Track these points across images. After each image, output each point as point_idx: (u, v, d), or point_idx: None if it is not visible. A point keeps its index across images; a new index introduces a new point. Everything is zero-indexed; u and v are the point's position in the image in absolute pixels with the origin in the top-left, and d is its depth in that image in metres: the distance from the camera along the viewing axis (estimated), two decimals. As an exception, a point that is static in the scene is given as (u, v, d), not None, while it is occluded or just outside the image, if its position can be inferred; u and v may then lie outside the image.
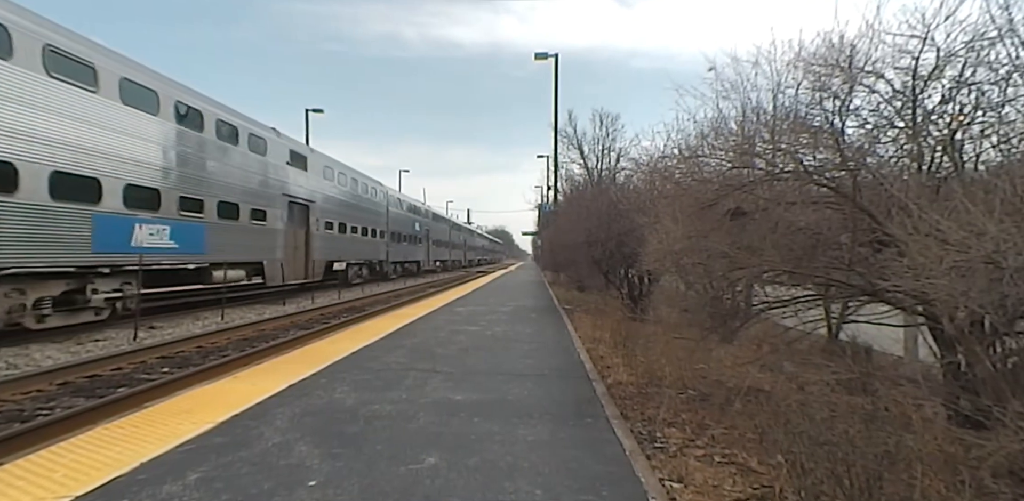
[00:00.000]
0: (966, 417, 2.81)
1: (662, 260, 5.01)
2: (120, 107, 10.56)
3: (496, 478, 2.71)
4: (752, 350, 5.32)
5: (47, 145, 8.93)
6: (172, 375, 6.67)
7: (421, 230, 37.58)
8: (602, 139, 21.52)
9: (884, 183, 3.35)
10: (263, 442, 3.21)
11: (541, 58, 21.95)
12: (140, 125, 11.04)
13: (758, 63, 4.43)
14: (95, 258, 9.84)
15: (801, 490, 2.63)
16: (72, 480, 2.66)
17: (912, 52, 3.40)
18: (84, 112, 9.70)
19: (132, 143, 10.77)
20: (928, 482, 2.52)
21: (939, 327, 3.08)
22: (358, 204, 24.60)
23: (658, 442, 3.62)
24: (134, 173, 10.81)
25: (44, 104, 8.92)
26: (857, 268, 3.50)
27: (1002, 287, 2.17)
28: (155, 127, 11.52)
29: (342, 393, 4.37)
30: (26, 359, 7.80)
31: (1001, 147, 3.19)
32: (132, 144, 10.77)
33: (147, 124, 11.26)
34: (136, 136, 10.89)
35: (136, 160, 10.87)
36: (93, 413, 4.94)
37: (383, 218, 28.46)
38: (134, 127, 10.86)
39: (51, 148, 8.99)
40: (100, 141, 9.99)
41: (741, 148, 4.20)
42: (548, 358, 6.04)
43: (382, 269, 28.43)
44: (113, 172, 10.28)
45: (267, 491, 2.54)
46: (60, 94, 9.24)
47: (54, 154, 9.05)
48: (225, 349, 8.97)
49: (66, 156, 9.27)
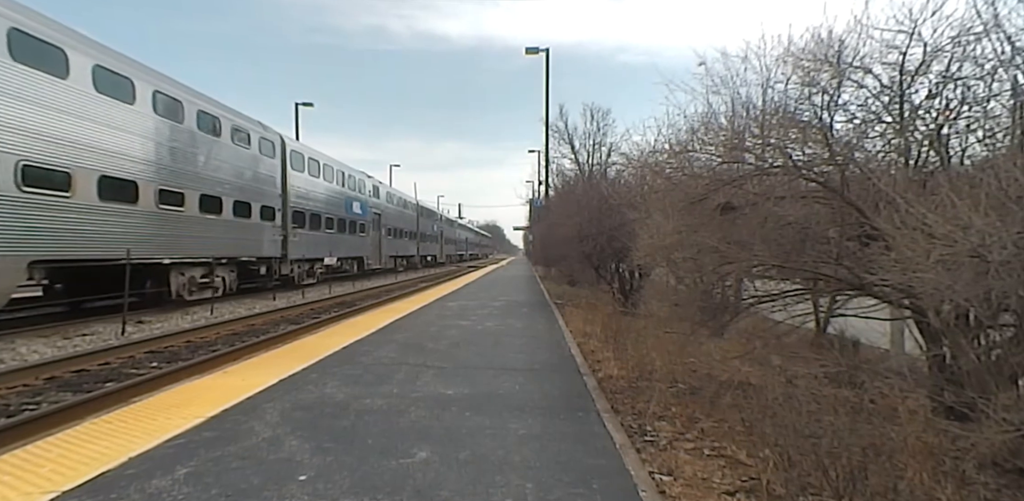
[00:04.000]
0: (950, 409, 2.85)
1: (653, 254, 5.03)
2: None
3: (487, 471, 2.72)
4: (742, 344, 5.35)
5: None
6: (161, 370, 6.62)
7: (365, 213, 26.64)
8: (593, 134, 21.51)
9: (872, 177, 3.37)
10: (253, 437, 3.20)
11: (532, 52, 21.87)
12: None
13: (747, 58, 4.45)
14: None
15: (788, 482, 2.66)
16: (59, 475, 2.64)
17: (900, 47, 3.43)
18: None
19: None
20: (912, 473, 2.56)
21: (925, 320, 3.11)
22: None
23: (648, 436, 3.64)
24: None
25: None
26: (845, 262, 3.53)
27: (987, 280, 2.19)
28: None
29: (333, 388, 4.36)
30: (12, 353, 7.72)
31: (986, 142, 3.22)
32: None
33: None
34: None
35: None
36: (80, 408, 4.90)
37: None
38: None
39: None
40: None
41: (731, 143, 4.21)
42: (539, 352, 6.06)
43: (276, 270, 17.78)
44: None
45: (257, 486, 2.53)
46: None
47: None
48: (214, 344, 8.92)
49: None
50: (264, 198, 16.63)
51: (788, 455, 2.80)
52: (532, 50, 21.86)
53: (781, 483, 2.68)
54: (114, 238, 10.56)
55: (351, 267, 25.18)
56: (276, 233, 17.48)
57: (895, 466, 2.65)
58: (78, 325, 10.22)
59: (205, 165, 13.71)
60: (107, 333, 9.63)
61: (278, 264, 17.90)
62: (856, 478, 2.48)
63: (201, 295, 13.69)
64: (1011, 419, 2.11)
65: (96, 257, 10.22)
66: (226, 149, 14.73)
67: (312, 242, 20.21)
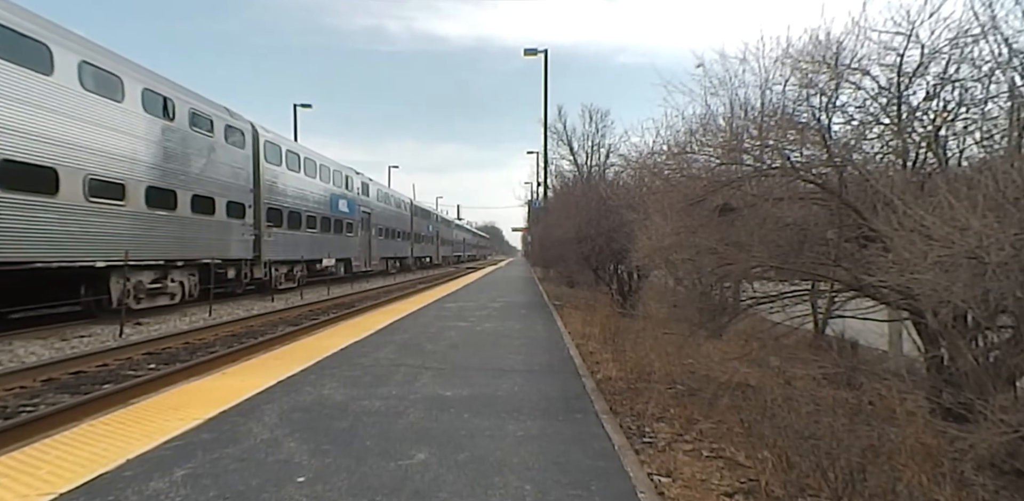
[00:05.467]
0: (948, 410, 2.84)
1: (651, 256, 5.03)
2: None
3: (486, 473, 2.72)
4: (740, 345, 5.36)
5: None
6: (159, 371, 6.61)
7: (353, 212, 24.95)
8: (592, 135, 21.60)
9: (870, 179, 3.38)
10: (251, 438, 3.19)
11: (531, 54, 21.91)
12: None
13: (746, 60, 4.46)
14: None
15: (787, 483, 2.66)
16: (56, 477, 2.63)
17: (897, 49, 3.43)
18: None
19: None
20: (911, 474, 2.56)
21: (923, 322, 3.12)
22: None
23: (647, 437, 3.64)
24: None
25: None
26: (843, 264, 3.53)
27: (985, 282, 2.20)
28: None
29: (331, 389, 4.35)
30: (9, 355, 7.70)
31: (984, 143, 3.23)
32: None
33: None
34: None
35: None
36: (78, 410, 4.88)
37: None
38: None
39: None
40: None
41: (729, 144, 4.22)
42: (538, 354, 6.06)
43: (248, 273, 16.02)
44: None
45: (255, 487, 2.53)
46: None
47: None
48: (213, 345, 8.90)
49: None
50: (231, 193, 14.81)
51: (787, 456, 2.80)
52: (531, 51, 21.90)
53: (780, 484, 2.68)
54: (25, 237, 8.80)
55: (337, 269, 22.96)
56: (247, 232, 15.56)
57: (894, 467, 2.65)
58: (76, 326, 10.19)
59: (154, 152, 11.82)
60: (105, 334, 9.61)
61: (250, 267, 15.97)
62: (855, 479, 2.48)
63: (152, 303, 11.90)
64: (1009, 420, 2.11)
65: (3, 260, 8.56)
66: (180, 135, 12.80)
67: (291, 242, 18.48)
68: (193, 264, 13.31)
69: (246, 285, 16.15)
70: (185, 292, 13.25)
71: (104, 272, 10.59)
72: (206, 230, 13.63)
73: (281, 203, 17.84)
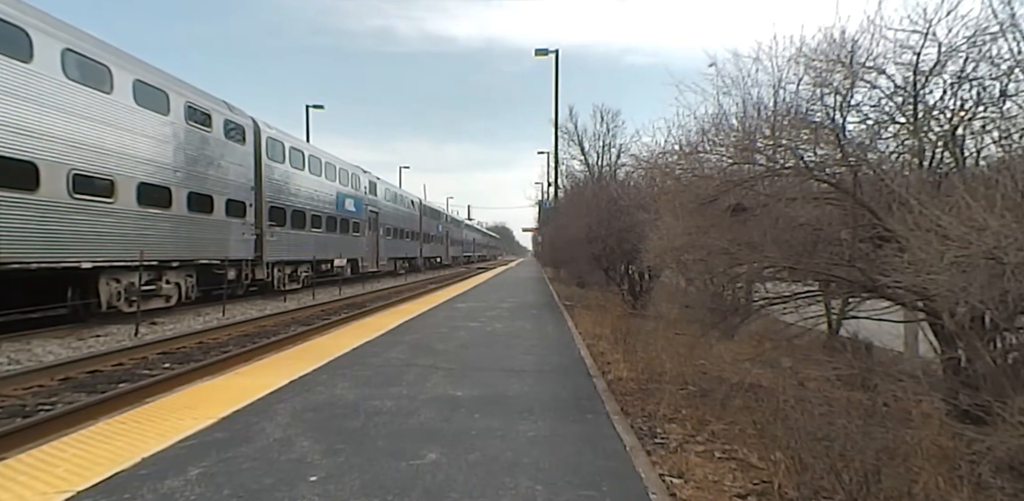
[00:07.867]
0: (965, 412, 2.81)
1: (663, 256, 5.02)
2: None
3: (497, 473, 2.72)
4: (753, 346, 5.32)
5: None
6: (173, 371, 6.69)
7: (359, 211, 24.41)
8: (603, 135, 21.46)
9: (885, 179, 3.34)
10: (264, 437, 3.22)
11: (541, 54, 21.90)
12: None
13: (759, 59, 4.41)
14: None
15: (800, 485, 2.64)
16: (74, 475, 2.67)
17: (913, 47, 3.39)
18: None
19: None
20: (927, 477, 2.53)
21: (939, 323, 3.08)
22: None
23: (658, 438, 3.63)
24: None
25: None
26: (858, 264, 3.49)
27: (1003, 282, 2.17)
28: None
29: (343, 389, 4.37)
30: (27, 354, 7.82)
31: (1002, 142, 3.18)
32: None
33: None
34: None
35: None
36: (94, 408, 4.95)
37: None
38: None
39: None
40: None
41: (742, 144, 4.19)
42: (548, 354, 6.05)
43: (249, 274, 15.55)
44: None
45: (268, 486, 2.55)
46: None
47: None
48: (226, 345, 8.99)
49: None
50: (231, 191, 14.27)
51: (800, 458, 2.77)
52: (542, 52, 21.89)
53: (793, 486, 2.66)
54: (5, 238, 8.34)
55: (343, 270, 22.14)
56: (248, 232, 15.01)
57: (909, 470, 2.62)
58: (92, 326, 10.32)
59: (145, 147, 11.25)
60: (121, 334, 9.73)
61: (251, 267, 15.44)
62: (870, 482, 2.45)
63: (146, 306, 11.28)
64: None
65: None
66: (175, 129, 12.24)
67: (295, 242, 17.94)
68: (190, 265, 12.87)
69: (248, 286, 15.83)
70: (182, 294, 12.77)
71: (92, 273, 10.13)
72: (204, 229, 13.16)
73: (284, 202, 17.43)
